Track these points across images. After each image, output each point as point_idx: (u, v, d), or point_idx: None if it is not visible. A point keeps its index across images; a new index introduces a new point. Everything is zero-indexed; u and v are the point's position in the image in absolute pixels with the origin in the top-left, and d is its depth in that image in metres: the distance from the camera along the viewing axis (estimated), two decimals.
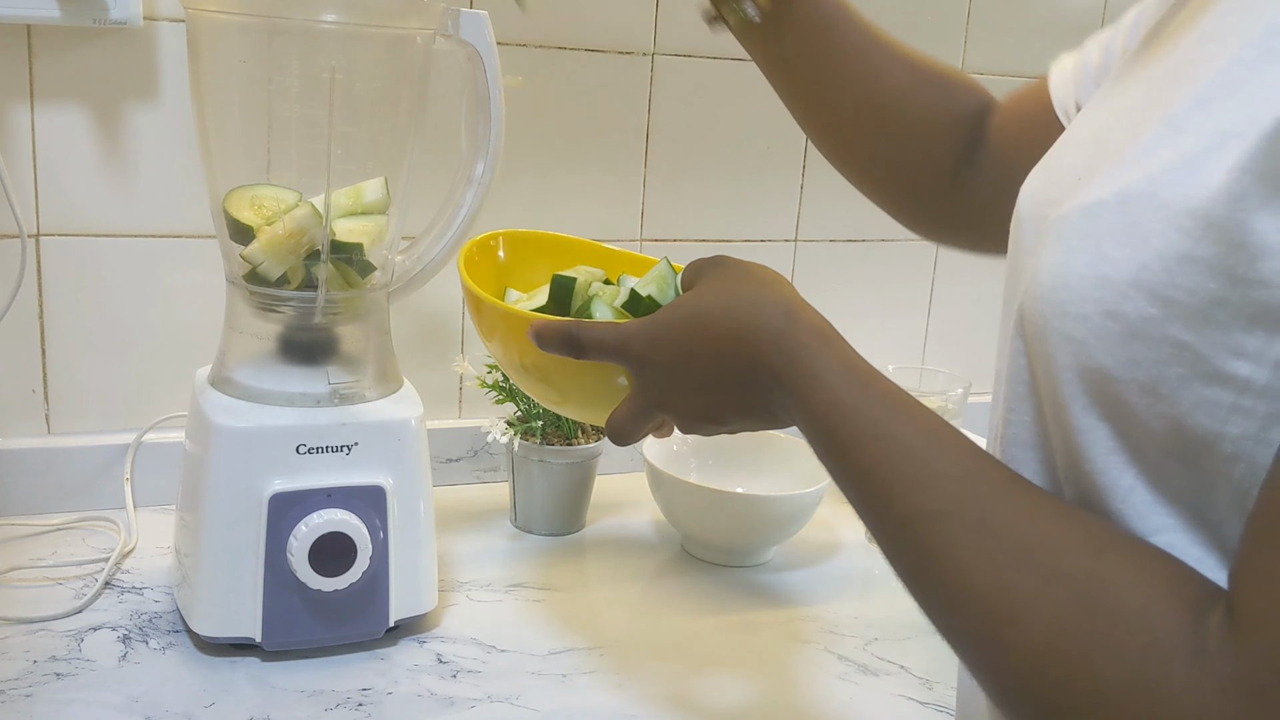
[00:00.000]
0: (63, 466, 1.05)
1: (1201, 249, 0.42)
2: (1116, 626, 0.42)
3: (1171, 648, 0.41)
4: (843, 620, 0.98)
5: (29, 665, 0.81)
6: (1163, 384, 0.43)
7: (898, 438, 0.51)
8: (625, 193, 1.22)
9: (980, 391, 1.20)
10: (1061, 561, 0.45)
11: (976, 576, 0.46)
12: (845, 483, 0.54)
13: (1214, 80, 0.45)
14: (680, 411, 0.65)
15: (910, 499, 0.50)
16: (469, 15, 0.90)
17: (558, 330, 0.66)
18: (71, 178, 1.02)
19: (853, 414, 0.54)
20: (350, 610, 0.85)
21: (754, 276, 0.63)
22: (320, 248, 0.84)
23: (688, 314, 0.63)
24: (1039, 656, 0.44)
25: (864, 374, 0.55)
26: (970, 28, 1.32)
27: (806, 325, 0.58)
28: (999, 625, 0.45)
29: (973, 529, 0.47)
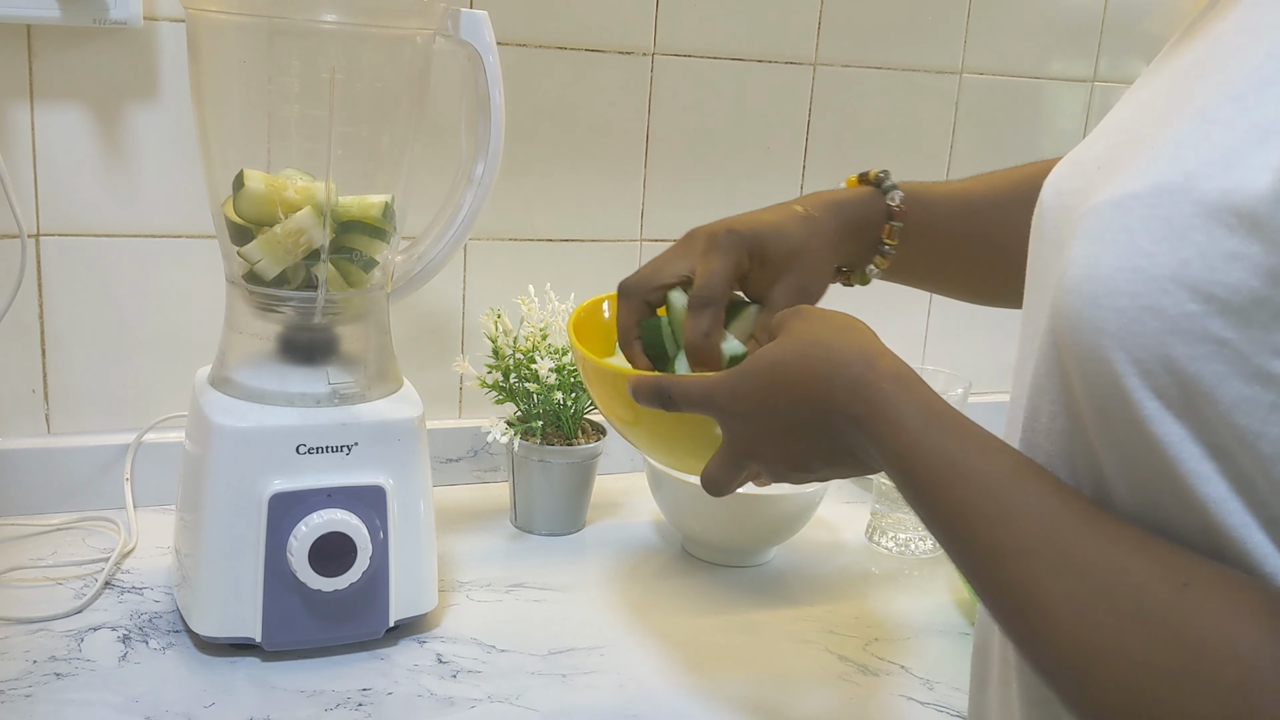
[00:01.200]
0: (63, 466, 1.05)
1: (1246, 247, 0.41)
2: (1205, 660, 0.42)
3: (1262, 676, 0.41)
4: (843, 620, 0.98)
5: (29, 665, 0.81)
6: (1201, 381, 0.43)
7: (977, 475, 0.52)
8: (625, 193, 1.22)
9: (980, 391, 1.20)
10: (1145, 597, 0.45)
11: (1060, 615, 0.46)
12: (931, 524, 0.54)
13: (1247, 74, 0.44)
14: (768, 460, 0.66)
15: (991, 538, 0.50)
16: (469, 15, 0.90)
17: (650, 385, 0.69)
18: (71, 178, 1.02)
19: (932, 454, 0.54)
20: (350, 610, 0.85)
21: (832, 324, 0.64)
22: (320, 248, 0.84)
23: (768, 365, 0.64)
24: (1126, 694, 0.44)
25: (942, 415, 0.55)
26: (970, 28, 1.32)
27: (884, 371, 0.58)
28: (1085, 664, 0.45)
29: (1054, 567, 0.47)
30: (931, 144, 1.35)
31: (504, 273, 1.18)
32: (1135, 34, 1.41)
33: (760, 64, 1.24)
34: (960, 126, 1.35)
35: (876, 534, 1.15)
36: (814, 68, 1.26)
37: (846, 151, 1.31)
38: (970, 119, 1.35)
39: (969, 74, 1.34)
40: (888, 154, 1.33)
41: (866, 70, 1.29)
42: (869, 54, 1.29)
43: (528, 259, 1.19)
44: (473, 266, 1.18)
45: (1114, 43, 1.40)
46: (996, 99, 1.36)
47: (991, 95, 1.36)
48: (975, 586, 0.51)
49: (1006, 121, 1.38)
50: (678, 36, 1.20)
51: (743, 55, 1.23)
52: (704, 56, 1.22)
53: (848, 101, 1.29)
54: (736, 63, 1.23)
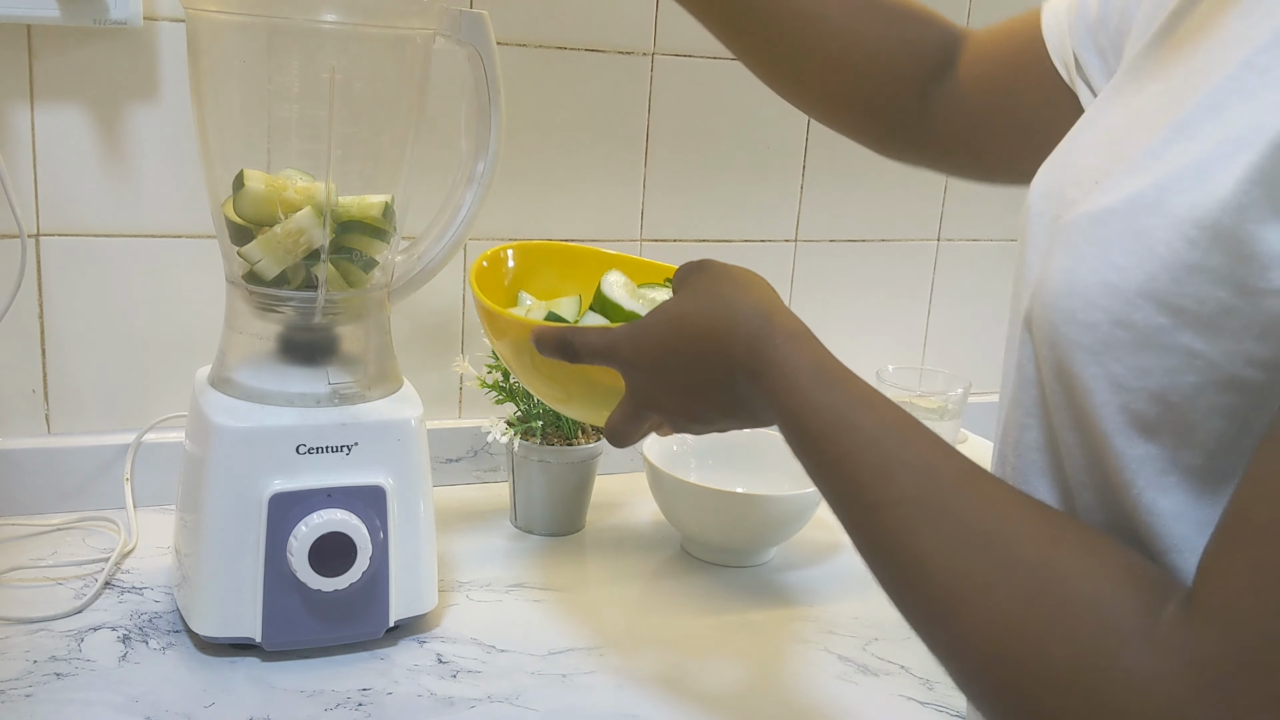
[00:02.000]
0: (63, 466, 1.05)
1: (1210, 259, 0.42)
2: (1068, 612, 0.44)
3: (1123, 632, 0.42)
4: (843, 620, 0.98)
5: (29, 665, 0.81)
6: (1174, 392, 0.43)
7: (862, 430, 0.53)
8: (625, 193, 1.22)
9: (980, 391, 1.20)
10: (1016, 549, 0.46)
11: (933, 561, 0.48)
12: (816, 476, 0.56)
13: (1224, 86, 0.45)
14: (668, 411, 0.67)
15: (872, 488, 0.52)
16: (469, 15, 0.90)
17: (554, 336, 0.70)
18: (71, 178, 1.02)
19: (821, 409, 0.56)
20: (350, 610, 0.85)
21: (734, 280, 0.65)
22: (320, 248, 0.84)
23: (670, 317, 0.65)
24: (992, 639, 0.45)
25: (833, 371, 0.57)
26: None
27: (780, 327, 0.60)
28: (954, 608, 0.47)
29: (930, 517, 0.49)
30: None
31: None
32: None
33: None
34: None
35: None
36: None
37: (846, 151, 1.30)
38: None
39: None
40: None
41: None
42: None
43: None
44: None
45: None
46: None
47: None
48: (854, 538, 0.53)
49: None
50: (678, 36, 1.20)
51: None
52: (704, 56, 1.21)
53: None
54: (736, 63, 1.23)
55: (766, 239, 1.30)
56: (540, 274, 0.88)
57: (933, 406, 1.10)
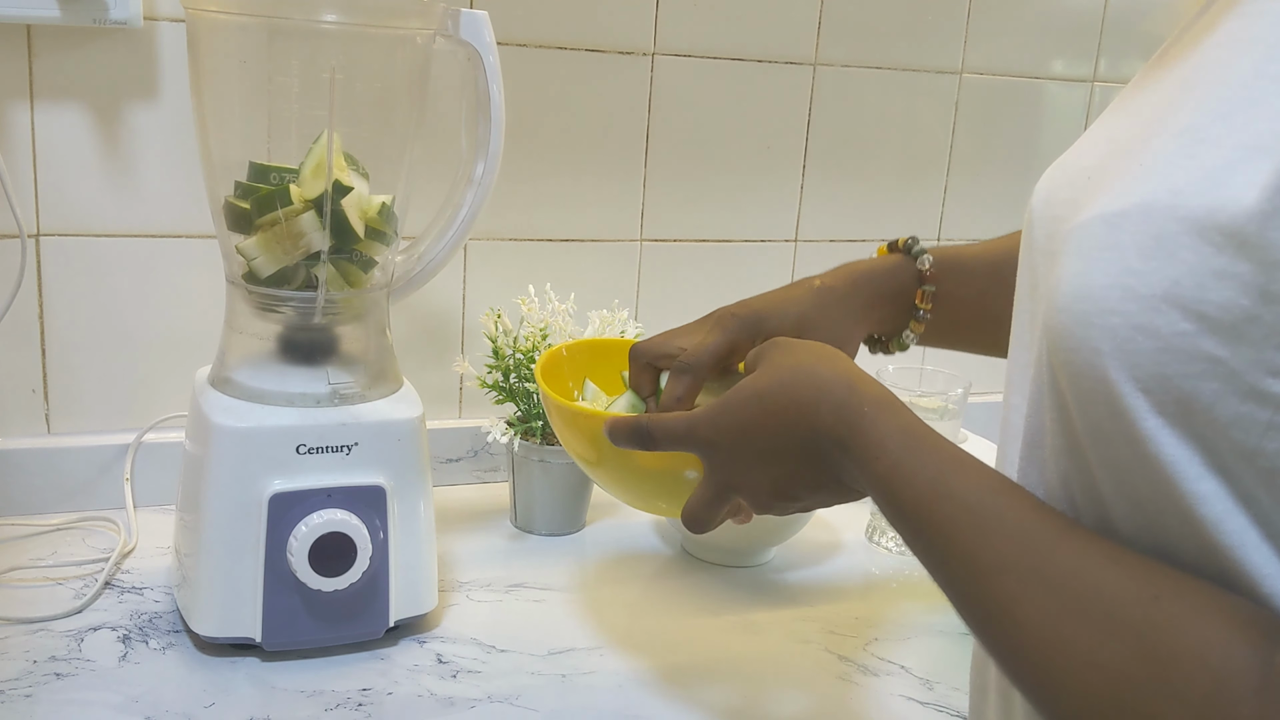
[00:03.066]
0: (63, 466, 1.05)
1: (1235, 266, 0.41)
2: (1177, 671, 0.43)
3: (1235, 687, 0.41)
4: (843, 620, 0.98)
5: (29, 665, 0.81)
6: (1196, 399, 0.43)
7: (956, 495, 0.52)
8: (625, 193, 1.22)
9: (980, 391, 1.20)
10: (1117, 610, 0.45)
11: (1034, 629, 0.47)
12: (913, 543, 0.55)
13: (1237, 91, 0.44)
14: (751, 490, 0.66)
15: (970, 555, 0.51)
16: (469, 15, 0.90)
17: (628, 425, 0.69)
18: (71, 178, 1.02)
19: (913, 475, 0.55)
20: (350, 610, 0.85)
21: (813, 351, 0.65)
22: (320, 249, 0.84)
23: (750, 394, 0.64)
24: (1100, 705, 0.44)
25: (923, 437, 0.56)
26: (970, 28, 1.32)
27: (866, 395, 0.59)
28: (1059, 676, 0.46)
29: (1028, 583, 0.48)
30: (931, 144, 1.35)
31: (504, 273, 1.18)
32: (1135, 34, 1.41)
33: (760, 64, 1.24)
34: (960, 126, 1.35)
35: (876, 534, 1.15)
36: (814, 68, 1.26)
37: (846, 151, 1.31)
38: (970, 119, 1.36)
39: (969, 74, 1.34)
40: (888, 154, 1.33)
41: (866, 70, 1.29)
42: (869, 54, 1.29)
43: (528, 259, 1.19)
44: (473, 266, 1.18)
45: (1114, 43, 1.40)
46: (996, 99, 1.36)
47: (991, 95, 1.36)
48: (955, 603, 0.52)
49: (1006, 121, 1.38)
50: (678, 36, 1.20)
51: (743, 55, 1.23)
52: (704, 56, 1.22)
53: (848, 101, 1.29)
54: (736, 63, 1.23)
55: (766, 239, 1.30)
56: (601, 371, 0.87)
57: (933, 406, 1.10)
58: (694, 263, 1.26)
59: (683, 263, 1.26)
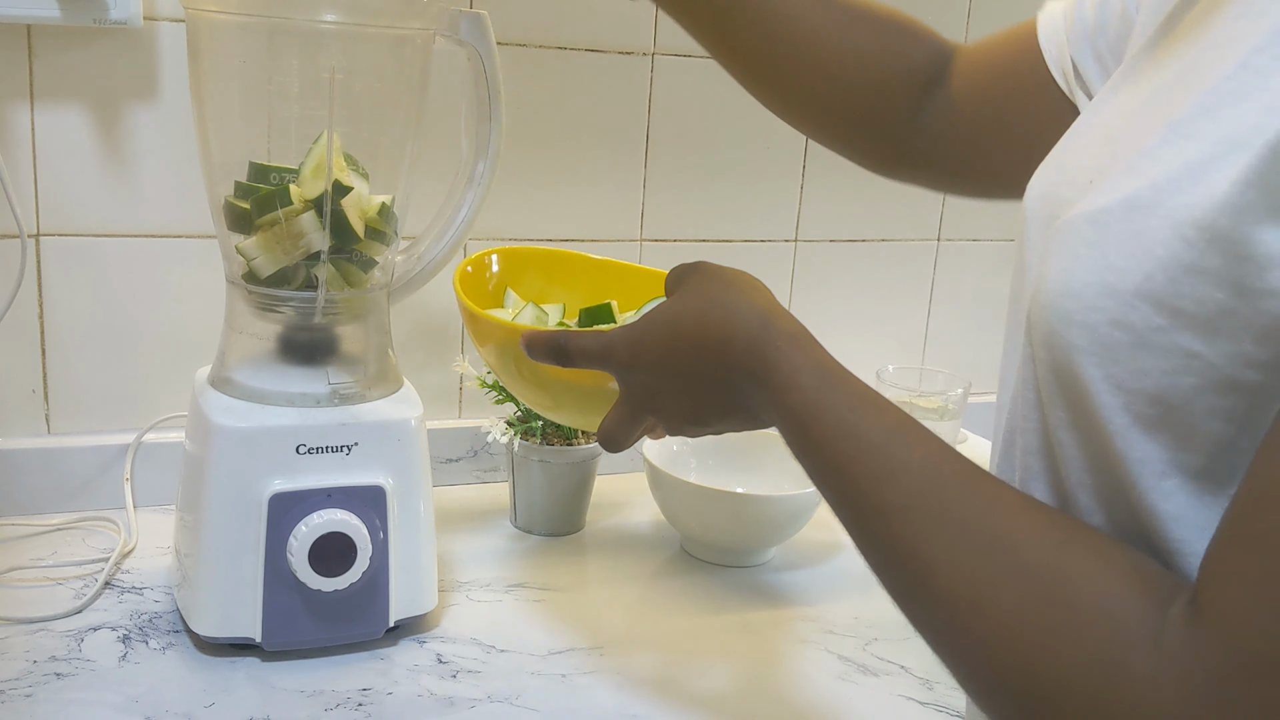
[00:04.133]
0: (63, 466, 1.05)
1: (1207, 260, 0.42)
2: (1076, 616, 0.44)
3: (1131, 636, 0.42)
4: (843, 620, 0.98)
5: (29, 665, 0.81)
6: (1173, 394, 0.43)
7: (864, 434, 0.53)
8: (625, 193, 1.22)
9: (980, 391, 1.20)
10: (1022, 554, 0.46)
11: (939, 568, 0.48)
12: (818, 480, 0.56)
13: (1221, 86, 0.44)
14: (665, 414, 0.67)
15: (876, 494, 0.51)
16: (469, 15, 0.90)
17: (546, 339, 0.70)
18: (71, 178, 1.02)
19: (823, 412, 0.55)
20: (350, 610, 0.85)
21: (731, 282, 0.65)
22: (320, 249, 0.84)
23: (668, 319, 0.65)
24: (1000, 645, 0.45)
25: (834, 375, 0.57)
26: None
27: (780, 329, 0.60)
28: (961, 615, 0.46)
29: (935, 522, 0.49)
30: None
31: None
32: None
33: None
34: None
35: None
36: None
37: None
38: None
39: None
40: None
41: None
42: None
43: None
44: None
45: None
46: None
47: None
48: (859, 543, 0.53)
49: None
50: (678, 36, 1.19)
51: None
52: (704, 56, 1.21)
53: None
54: None
55: (766, 239, 1.30)
56: (526, 279, 0.88)
57: (933, 406, 1.10)
58: None
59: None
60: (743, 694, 0.87)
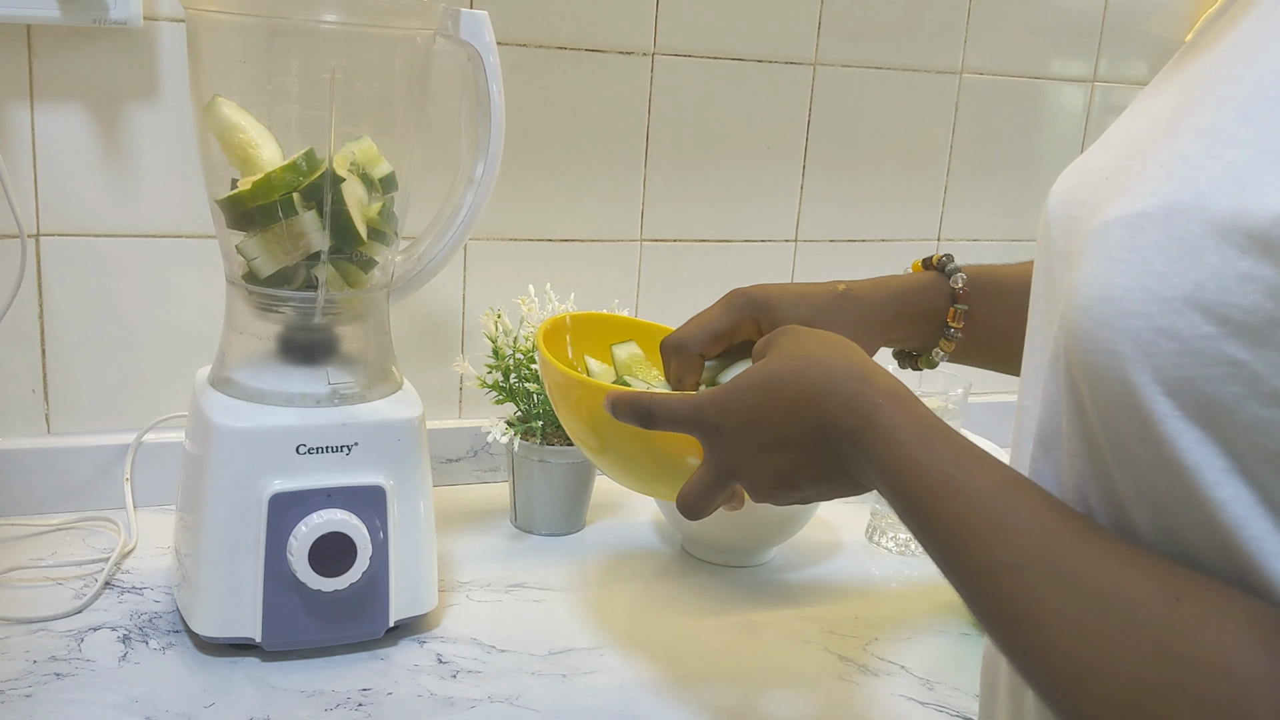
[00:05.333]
0: (63, 466, 1.05)
1: (1260, 269, 0.41)
2: (1195, 675, 0.42)
3: (1254, 693, 0.41)
4: (843, 620, 0.98)
5: (29, 665, 0.81)
6: (1218, 402, 0.43)
7: (972, 491, 0.52)
8: (625, 193, 1.22)
9: (980, 391, 1.20)
10: (1137, 611, 0.45)
11: (1053, 629, 0.46)
12: (924, 539, 0.54)
13: (1258, 91, 0.44)
14: (752, 477, 0.65)
15: (985, 552, 0.50)
16: (469, 15, 0.90)
17: (630, 400, 0.68)
18: (71, 178, 1.02)
19: (926, 469, 0.54)
20: (350, 610, 0.85)
21: (826, 341, 0.64)
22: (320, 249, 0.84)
23: (759, 380, 0.63)
24: (1119, 707, 0.44)
25: (937, 431, 0.55)
26: (970, 28, 1.32)
27: (880, 386, 0.58)
28: (1078, 677, 0.45)
29: (1047, 581, 0.47)
30: (931, 144, 1.35)
31: (504, 273, 1.18)
32: (1135, 34, 1.41)
33: (760, 64, 1.24)
34: (960, 126, 1.35)
35: (876, 534, 1.15)
36: (814, 68, 1.26)
37: (846, 151, 1.31)
38: (970, 119, 1.35)
39: (969, 74, 1.34)
40: (888, 154, 1.33)
41: (866, 70, 1.29)
42: (869, 54, 1.29)
43: (528, 259, 1.19)
44: (473, 266, 1.18)
45: (1114, 43, 1.40)
46: (996, 99, 1.36)
47: (991, 95, 1.36)
48: (969, 601, 0.51)
49: (1006, 121, 1.38)
50: (678, 36, 1.20)
51: (743, 55, 1.23)
52: (704, 56, 1.22)
53: (848, 101, 1.29)
54: (736, 63, 1.23)
55: (766, 239, 1.30)
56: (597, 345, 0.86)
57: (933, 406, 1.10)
58: (694, 263, 1.26)
59: (683, 263, 1.26)
60: (743, 694, 0.86)
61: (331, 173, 0.82)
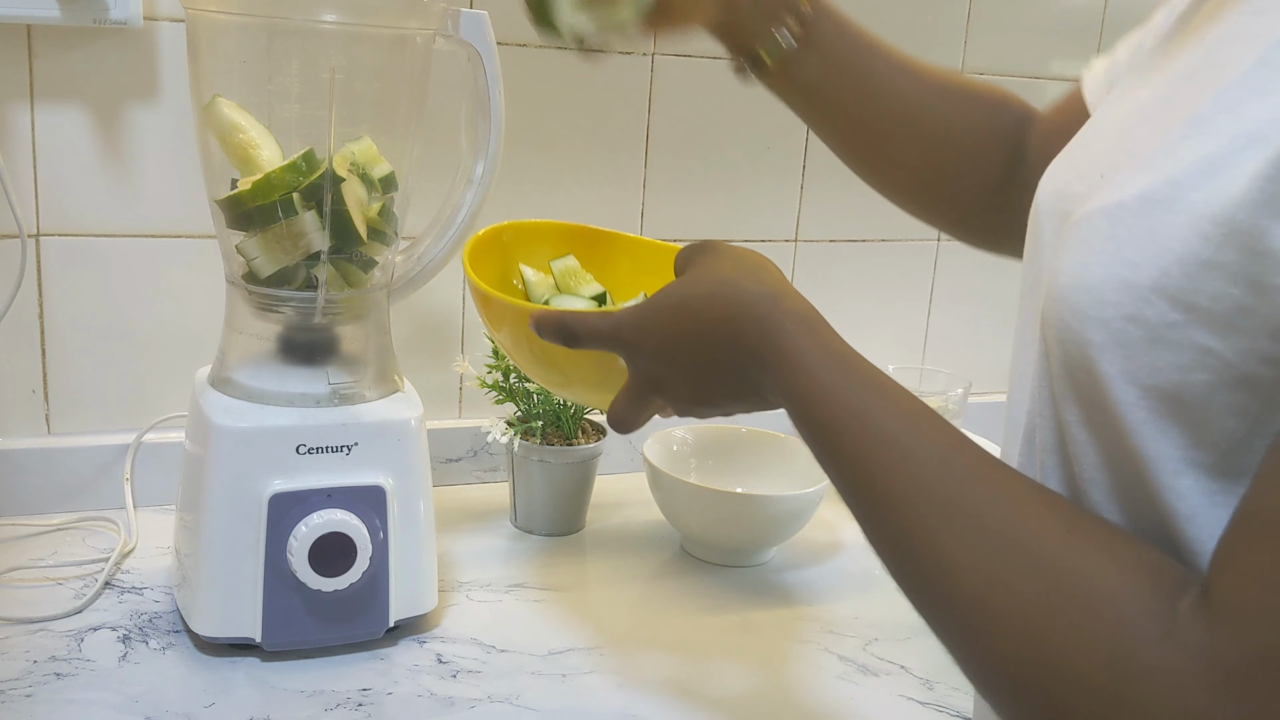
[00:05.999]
0: (63, 466, 1.05)
1: (1223, 255, 0.41)
2: (1087, 610, 0.43)
3: (1142, 631, 0.42)
4: (843, 620, 0.98)
5: (29, 665, 0.81)
6: (1186, 390, 0.43)
7: (875, 421, 0.52)
8: (625, 193, 1.22)
9: (980, 391, 1.20)
10: (1034, 546, 0.46)
11: (949, 561, 0.47)
12: (827, 466, 0.55)
13: (1240, 82, 0.44)
14: (673, 395, 0.66)
15: (886, 484, 0.50)
16: (469, 15, 0.90)
17: (554, 320, 0.69)
18: (71, 178, 1.02)
19: (832, 398, 0.54)
20: (350, 610, 0.85)
21: (741, 262, 0.65)
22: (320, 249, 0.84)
23: (677, 300, 0.64)
24: (1011, 641, 0.45)
25: (845, 359, 0.56)
26: (970, 28, 1.32)
27: (790, 310, 0.59)
28: (972, 610, 0.46)
29: (947, 512, 0.48)
30: None
31: None
32: None
33: None
34: None
35: None
36: None
37: None
38: None
39: (969, 74, 1.34)
40: None
41: None
42: None
43: None
44: None
45: (1114, 43, 1.40)
46: None
47: None
48: (867, 532, 0.52)
49: None
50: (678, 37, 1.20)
51: None
52: (704, 56, 1.21)
53: None
54: None
55: (766, 239, 1.30)
56: (536, 253, 0.87)
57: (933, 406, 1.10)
58: None
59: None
60: (743, 694, 0.86)
61: (331, 173, 0.82)
